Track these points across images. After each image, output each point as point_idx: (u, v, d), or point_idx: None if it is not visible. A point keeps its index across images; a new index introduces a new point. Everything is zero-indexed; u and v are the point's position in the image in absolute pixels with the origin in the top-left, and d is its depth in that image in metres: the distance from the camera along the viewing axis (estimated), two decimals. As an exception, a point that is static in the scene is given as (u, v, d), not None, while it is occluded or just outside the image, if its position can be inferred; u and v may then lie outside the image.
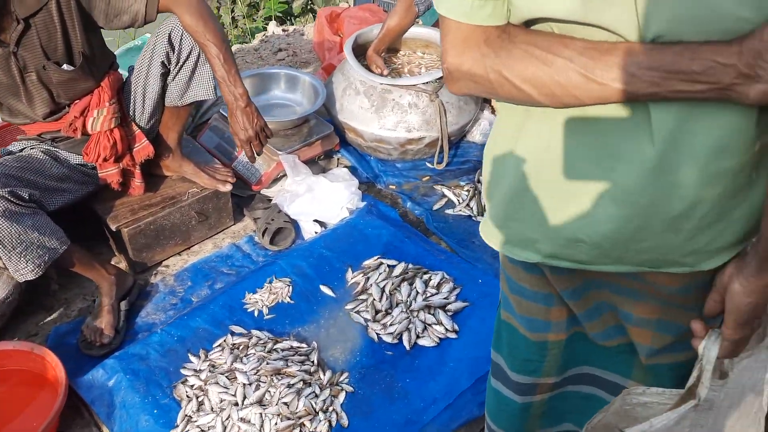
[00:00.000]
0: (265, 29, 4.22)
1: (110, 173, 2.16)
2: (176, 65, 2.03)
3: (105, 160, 2.11)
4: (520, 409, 1.30)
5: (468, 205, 2.61)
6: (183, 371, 1.87)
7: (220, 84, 1.91)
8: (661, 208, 0.87)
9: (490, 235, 1.06)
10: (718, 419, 1.04)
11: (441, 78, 2.66)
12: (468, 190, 2.67)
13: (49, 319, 2.17)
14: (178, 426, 1.73)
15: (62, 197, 2.07)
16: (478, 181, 2.71)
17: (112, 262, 2.34)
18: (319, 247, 2.28)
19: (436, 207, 2.62)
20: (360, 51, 2.91)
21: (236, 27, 5.13)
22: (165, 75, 2.06)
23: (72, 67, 1.92)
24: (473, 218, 2.57)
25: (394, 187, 2.74)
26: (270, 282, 2.15)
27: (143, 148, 2.18)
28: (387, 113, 2.65)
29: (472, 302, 2.09)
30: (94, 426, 1.85)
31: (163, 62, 2.01)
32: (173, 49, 1.99)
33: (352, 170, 2.80)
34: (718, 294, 0.93)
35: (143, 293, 2.23)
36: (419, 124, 2.66)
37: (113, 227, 2.18)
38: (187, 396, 1.79)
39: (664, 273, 0.96)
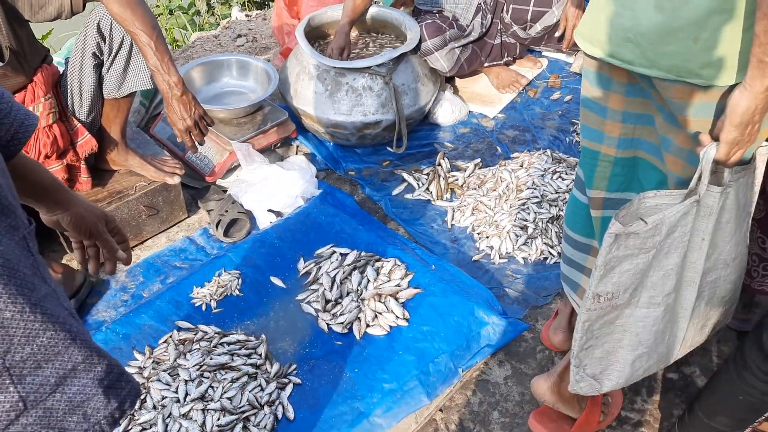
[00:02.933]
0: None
1: (54, 170, 2.11)
2: (109, 56, 1.97)
3: (47, 157, 2.07)
4: (589, 215, 1.55)
5: (428, 189, 2.57)
6: (128, 369, 1.83)
7: (153, 73, 1.85)
8: (683, 13, 1.13)
9: (578, 33, 1.35)
10: (717, 233, 1.27)
11: (395, 59, 2.61)
12: (428, 174, 2.63)
13: None
14: (119, 424, 1.70)
15: (2, 196, 2.03)
16: (438, 164, 2.67)
17: (64, 260, 2.31)
18: (271, 238, 2.25)
19: (395, 192, 2.58)
20: (314, 34, 2.86)
21: (212, 14, 5.05)
22: (99, 66, 2.01)
23: (0, 63, 1.87)
24: (432, 202, 2.53)
25: (353, 173, 2.70)
26: (219, 275, 2.12)
27: (86, 142, 2.13)
28: (341, 97, 2.61)
29: (424, 288, 2.07)
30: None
31: (94, 53, 1.95)
32: (104, 40, 1.93)
33: (311, 157, 2.76)
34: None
35: (94, 291, 2.20)
36: (375, 107, 2.61)
37: (59, 225, 2.14)
38: (131, 394, 1.77)
39: (687, 85, 1.18)
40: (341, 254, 2.19)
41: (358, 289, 2.05)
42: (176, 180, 2.29)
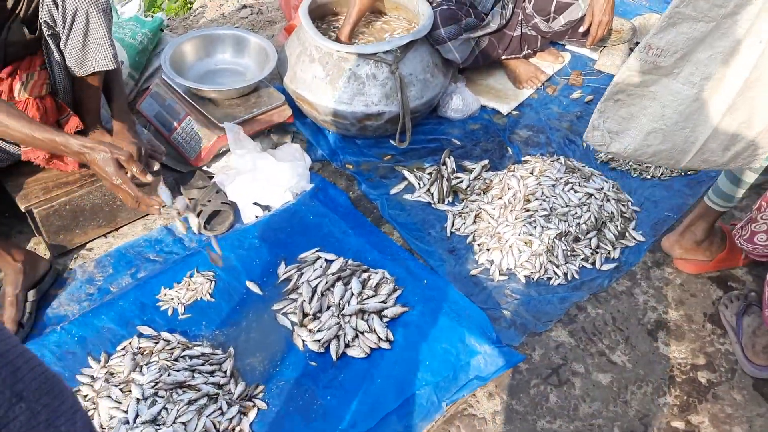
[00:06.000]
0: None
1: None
2: (63, 28, 1.76)
3: None
4: None
5: (428, 190, 2.37)
6: (79, 378, 1.68)
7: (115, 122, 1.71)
8: None
9: None
10: None
11: (404, 46, 2.38)
12: (431, 173, 2.43)
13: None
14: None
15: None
16: (443, 163, 2.46)
17: (31, 243, 2.15)
18: (251, 237, 2.07)
19: (393, 191, 2.39)
20: (319, 12, 2.64)
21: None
22: (55, 38, 1.80)
23: (32, 35, 1.77)
24: (432, 206, 2.33)
25: (351, 166, 2.50)
26: (190, 276, 1.94)
27: (71, 119, 1.96)
28: (342, 84, 2.39)
29: (412, 307, 1.88)
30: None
31: (47, 22, 1.74)
32: (56, 7, 1.72)
33: (308, 146, 2.56)
34: None
35: (60, 280, 2.03)
36: (378, 98, 2.40)
37: (23, 207, 1.97)
38: (79, 408, 1.61)
39: None
40: (326, 260, 2.00)
41: (340, 303, 1.87)
42: (155, 167, 2.07)
